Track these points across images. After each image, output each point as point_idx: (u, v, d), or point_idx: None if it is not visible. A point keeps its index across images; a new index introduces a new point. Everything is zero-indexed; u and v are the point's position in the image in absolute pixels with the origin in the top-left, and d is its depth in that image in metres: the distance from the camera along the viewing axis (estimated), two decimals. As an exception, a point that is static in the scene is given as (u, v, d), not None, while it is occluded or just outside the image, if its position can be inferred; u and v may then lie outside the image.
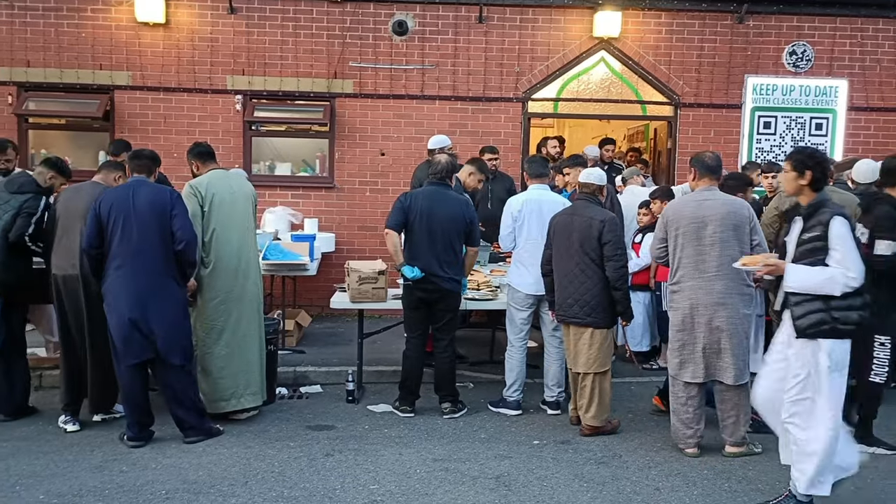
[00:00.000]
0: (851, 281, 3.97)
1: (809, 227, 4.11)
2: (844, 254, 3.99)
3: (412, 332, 5.95)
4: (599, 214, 5.47)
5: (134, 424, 5.14)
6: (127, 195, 5.09)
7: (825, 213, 4.07)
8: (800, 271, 4.06)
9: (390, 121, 9.17)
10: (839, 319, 3.99)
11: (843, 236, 4.00)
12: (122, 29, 8.88)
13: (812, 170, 4.14)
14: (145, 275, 5.04)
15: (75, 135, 9.37)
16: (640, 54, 9.26)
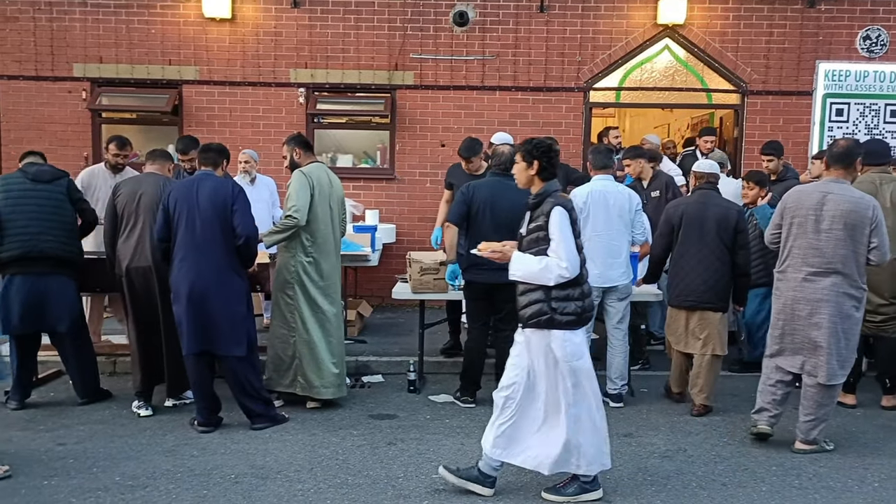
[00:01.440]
0: (564, 271, 4.00)
1: (535, 217, 4.16)
2: (559, 243, 4.01)
3: (474, 323, 5.95)
4: (732, 204, 5.93)
5: (203, 410, 5.29)
6: (191, 189, 5.21)
7: (548, 204, 4.11)
8: (522, 260, 4.13)
9: (451, 112, 9.18)
10: (557, 310, 4.06)
11: (559, 226, 4.02)
12: (189, 24, 9.10)
13: (539, 159, 4.18)
14: (207, 267, 5.16)
15: (146, 129, 9.64)
16: (706, 41, 9.06)
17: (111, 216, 5.63)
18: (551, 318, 4.08)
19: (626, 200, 5.85)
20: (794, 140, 9.02)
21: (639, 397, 6.19)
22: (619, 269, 5.84)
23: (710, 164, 6.14)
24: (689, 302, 5.81)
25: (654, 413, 5.83)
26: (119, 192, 5.66)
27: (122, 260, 5.56)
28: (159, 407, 5.75)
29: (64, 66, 9.15)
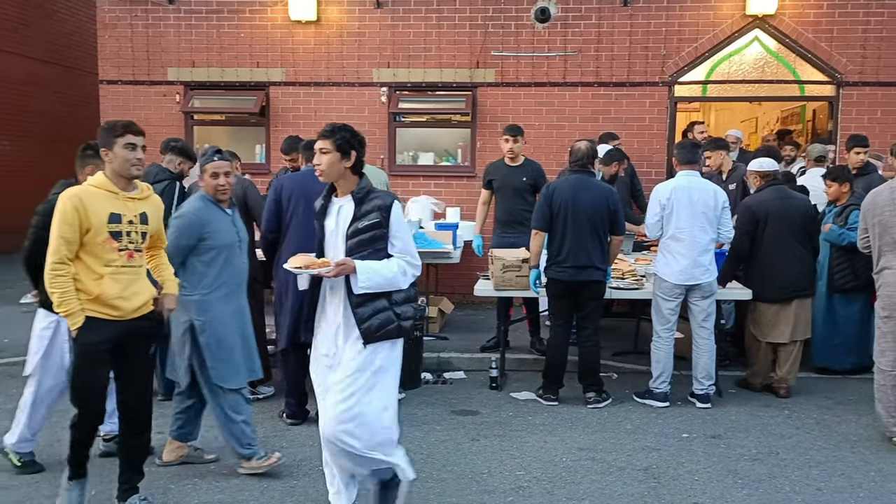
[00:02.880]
0: (416, 270, 3.65)
1: (364, 213, 3.54)
2: (405, 241, 3.61)
3: (557, 321, 5.93)
4: (807, 199, 6.25)
5: (294, 403, 5.43)
6: (305, 183, 5.32)
7: (382, 198, 3.57)
8: (372, 267, 3.49)
9: (532, 109, 9.15)
10: (401, 316, 3.61)
11: (402, 222, 3.62)
12: (276, 28, 9.35)
13: (357, 151, 3.60)
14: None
15: (235, 129, 9.97)
16: (798, 31, 8.74)
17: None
18: (399, 327, 3.60)
19: (710, 197, 5.72)
20: (892, 133, 8.61)
21: (727, 398, 6.04)
22: (703, 267, 5.71)
23: (769, 161, 6.35)
24: (787, 293, 5.95)
25: (744, 414, 5.68)
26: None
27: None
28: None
29: (159, 70, 9.55)
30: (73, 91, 14.42)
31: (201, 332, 4.32)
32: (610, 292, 6.09)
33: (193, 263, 4.33)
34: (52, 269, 3.62)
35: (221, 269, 4.37)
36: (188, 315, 4.32)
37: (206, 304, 4.34)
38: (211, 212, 4.37)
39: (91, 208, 3.63)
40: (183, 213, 4.40)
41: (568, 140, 7.87)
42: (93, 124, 11.75)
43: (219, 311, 4.36)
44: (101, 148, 3.75)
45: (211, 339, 4.33)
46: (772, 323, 6.07)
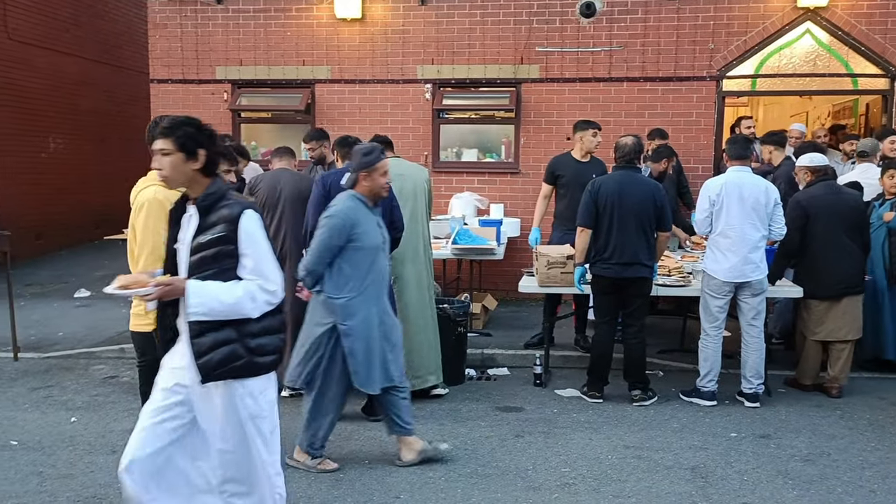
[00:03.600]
0: (271, 297, 3.04)
1: (208, 226, 3.01)
2: (261, 260, 3.02)
3: (602, 318, 5.89)
4: (852, 189, 6.25)
5: None
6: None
7: (230, 207, 3.02)
8: (204, 291, 2.94)
9: (576, 105, 9.08)
10: (255, 350, 3.05)
11: (255, 236, 3.02)
12: (322, 26, 9.43)
13: (207, 149, 3.05)
14: None
15: (281, 127, 10.08)
16: (851, 24, 8.53)
17: None
18: (250, 363, 3.05)
19: (762, 193, 5.61)
20: (950, 127, 8.37)
21: (776, 398, 5.94)
22: (753, 264, 5.61)
23: (821, 157, 6.25)
24: (839, 290, 5.88)
25: (794, 414, 5.57)
26: (258, 187, 5.92)
27: None
28: None
29: (208, 69, 9.71)
30: (123, 90, 14.73)
31: (346, 335, 4.27)
32: (656, 289, 6.03)
33: (340, 265, 4.27)
34: None
35: (367, 271, 4.31)
36: (332, 317, 4.27)
37: (352, 308, 4.27)
38: (361, 212, 4.31)
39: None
40: (335, 213, 4.29)
41: (613, 136, 7.77)
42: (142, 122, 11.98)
43: (364, 314, 4.29)
44: None
45: (356, 344, 4.28)
46: (821, 320, 5.96)
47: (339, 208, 4.31)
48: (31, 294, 9.87)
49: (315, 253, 4.26)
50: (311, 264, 4.30)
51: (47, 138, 12.79)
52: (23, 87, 12.10)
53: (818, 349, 6.04)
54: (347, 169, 5.50)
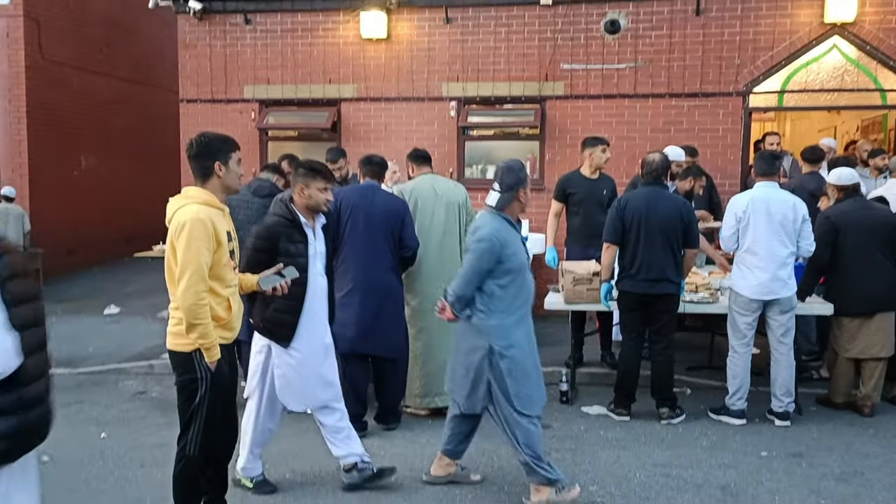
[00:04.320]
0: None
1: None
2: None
3: (629, 334, 5.85)
4: (890, 210, 6.13)
5: (357, 414, 5.45)
6: (366, 196, 5.46)
7: None
8: None
9: (602, 121, 9.08)
10: None
11: None
12: (348, 45, 9.54)
13: None
14: (372, 272, 5.38)
15: (307, 145, 10.16)
16: (879, 38, 8.46)
17: None
18: None
19: (789, 209, 5.56)
20: (983, 141, 8.25)
21: (807, 416, 5.86)
22: (782, 281, 5.56)
23: (851, 173, 6.11)
24: (869, 307, 5.79)
25: (826, 433, 5.49)
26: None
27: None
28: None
29: (236, 88, 9.85)
30: (153, 108, 15.00)
31: (502, 357, 4.15)
32: (683, 306, 5.98)
33: (490, 287, 4.16)
34: (199, 299, 3.45)
35: (517, 291, 4.21)
36: (486, 339, 4.17)
37: (505, 329, 4.18)
38: (509, 232, 4.20)
39: (217, 227, 3.52)
40: (485, 237, 4.13)
41: (639, 152, 7.80)
42: (172, 140, 12.22)
43: (517, 335, 4.20)
44: (212, 162, 3.59)
45: (513, 365, 4.16)
46: (853, 337, 5.88)
47: (489, 231, 4.14)
48: (62, 310, 10.02)
49: (465, 277, 4.16)
50: (460, 289, 4.19)
51: (80, 156, 13.04)
52: (57, 107, 12.37)
53: (850, 367, 5.96)
54: (371, 186, 5.57)
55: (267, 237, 4.29)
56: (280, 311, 4.28)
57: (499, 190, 4.22)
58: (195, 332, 3.49)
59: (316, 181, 4.32)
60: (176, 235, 3.47)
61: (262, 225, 4.43)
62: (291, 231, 4.31)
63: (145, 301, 10.46)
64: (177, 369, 3.68)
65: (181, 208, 3.54)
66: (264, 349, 4.43)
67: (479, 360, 4.18)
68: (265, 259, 4.22)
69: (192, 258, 3.43)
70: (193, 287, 3.44)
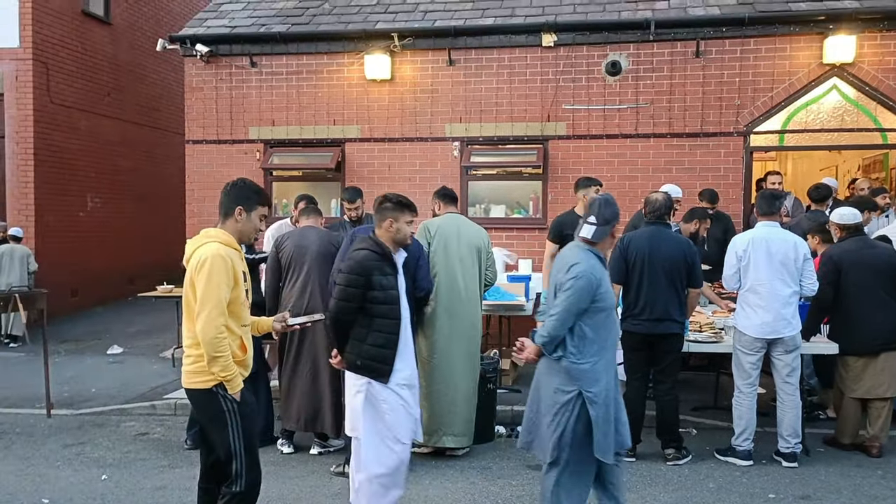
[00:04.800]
0: None
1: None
2: None
3: (633, 375, 5.82)
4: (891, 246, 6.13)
5: None
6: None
7: None
8: None
9: (604, 160, 9.15)
10: None
11: None
12: (353, 87, 9.67)
13: None
14: None
15: (311, 185, 10.24)
16: (878, 79, 8.55)
17: (275, 269, 5.95)
18: None
19: (790, 248, 5.55)
20: (985, 180, 8.28)
21: (815, 457, 5.79)
22: (785, 320, 5.52)
23: (852, 213, 6.11)
24: (876, 346, 5.75)
25: (834, 474, 5.42)
26: (283, 244, 5.98)
27: (286, 305, 5.81)
28: (299, 446, 6.01)
29: (241, 129, 9.97)
30: (160, 150, 15.17)
31: (592, 403, 3.89)
32: (687, 345, 5.96)
33: (581, 328, 3.94)
34: (219, 332, 3.48)
35: (607, 332, 4.02)
36: (576, 384, 3.92)
37: (596, 373, 3.93)
38: (602, 271, 4.04)
39: (236, 266, 3.61)
40: (581, 273, 3.92)
41: (641, 191, 7.85)
42: (177, 182, 12.34)
43: (606, 379, 3.97)
44: (235, 206, 3.68)
45: (601, 411, 3.91)
46: (859, 377, 5.84)
47: (585, 268, 3.94)
48: (65, 350, 10.01)
49: (561, 317, 3.92)
50: (554, 329, 3.95)
51: (86, 197, 13.14)
52: (64, 149, 12.51)
53: (857, 407, 5.91)
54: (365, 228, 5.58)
55: (360, 272, 4.24)
56: (377, 346, 4.25)
57: (595, 223, 4.05)
58: (217, 365, 3.51)
59: (404, 214, 4.37)
60: (196, 271, 3.52)
61: (353, 260, 4.32)
62: (383, 264, 4.30)
63: (148, 341, 10.45)
64: (200, 408, 3.68)
65: (201, 246, 3.60)
66: (363, 388, 4.28)
67: (564, 403, 3.93)
68: (358, 295, 4.21)
69: (212, 292, 3.48)
70: (214, 321, 3.48)
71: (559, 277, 4.04)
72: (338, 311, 4.30)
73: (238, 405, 3.61)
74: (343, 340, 4.34)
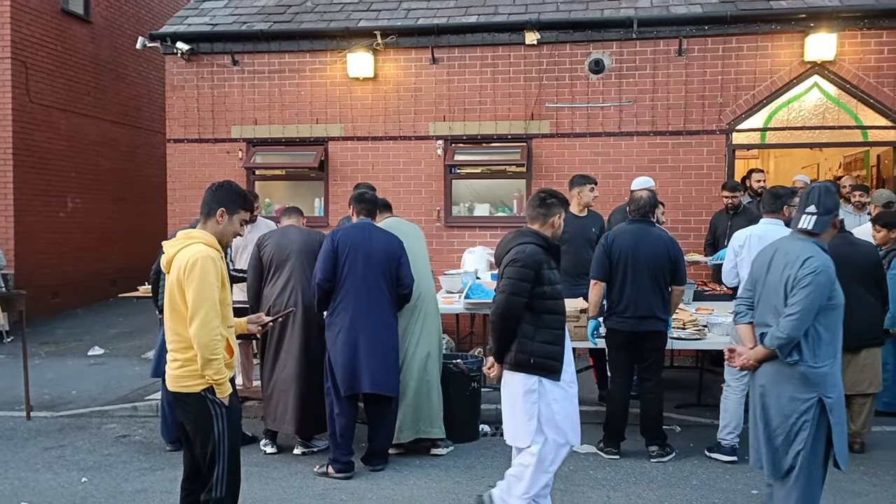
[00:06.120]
0: None
1: None
2: None
3: (617, 372, 5.82)
4: (866, 241, 6.07)
5: (344, 455, 5.41)
6: (363, 236, 5.44)
7: None
8: None
9: (587, 159, 9.16)
10: None
11: None
12: (335, 85, 9.62)
13: None
14: (370, 311, 5.36)
15: (294, 184, 10.21)
16: (858, 77, 8.61)
17: (256, 267, 5.91)
18: None
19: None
20: (963, 177, 8.36)
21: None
22: None
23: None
24: (855, 343, 5.71)
25: (816, 471, 5.44)
26: (265, 243, 5.94)
27: (268, 303, 5.78)
28: (283, 446, 5.98)
29: (223, 128, 9.89)
30: (141, 150, 15.03)
31: (832, 410, 3.67)
32: (671, 343, 5.97)
33: (815, 328, 3.69)
34: (216, 335, 3.45)
35: (837, 332, 3.77)
36: (815, 391, 3.67)
37: (835, 377, 3.71)
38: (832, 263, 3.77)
39: (222, 267, 3.57)
40: (821, 267, 3.66)
41: (624, 189, 7.85)
42: (158, 182, 12.22)
43: (840, 384, 3.76)
44: (219, 207, 3.65)
45: (839, 418, 3.68)
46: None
47: (821, 262, 3.68)
48: (45, 352, 9.90)
49: (802, 316, 3.62)
50: (794, 330, 3.65)
51: (66, 198, 12.99)
52: (44, 149, 12.36)
53: None
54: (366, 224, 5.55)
55: (532, 265, 4.14)
56: (547, 343, 4.14)
57: (815, 212, 3.78)
58: (211, 369, 3.46)
59: (563, 210, 4.39)
60: (185, 273, 3.45)
61: (523, 253, 4.17)
62: (549, 258, 4.24)
63: (130, 343, 10.35)
64: (187, 412, 3.62)
65: (186, 247, 3.54)
66: (536, 386, 4.15)
67: (804, 412, 3.68)
68: (528, 289, 4.10)
69: (206, 294, 3.43)
70: (209, 323, 3.43)
71: (795, 273, 3.70)
72: (507, 306, 4.12)
73: (226, 409, 3.57)
74: (509, 339, 4.18)
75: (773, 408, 3.76)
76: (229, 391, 3.57)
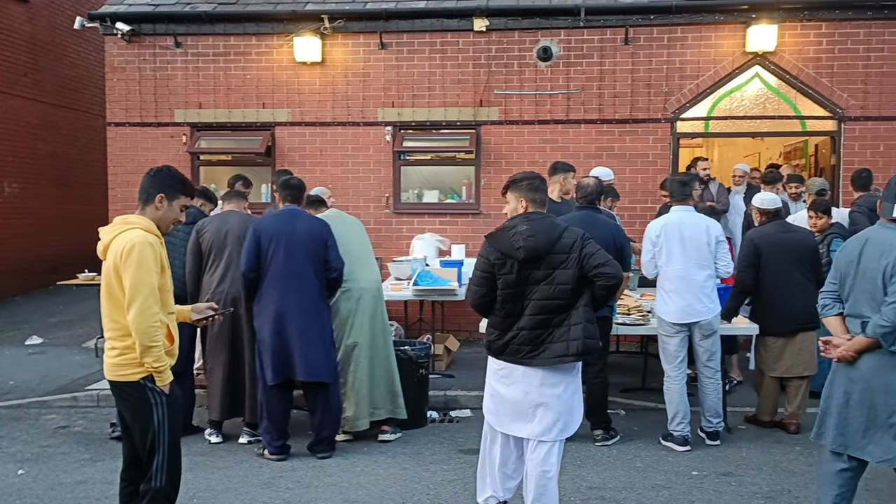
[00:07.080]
0: None
1: None
2: None
3: (562, 357, 5.87)
4: (805, 228, 6.32)
5: (278, 439, 5.42)
6: (287, 223, 5.40)
7: None
8: None
9: (536, 146, 9.21)
10: None
11: None
12: (282, 69, 9.47)
13: None
14: (297, 297, 5.33)
15: (240, 169, 9.98)
16: (798, 68, 8.82)
17: (196, 254, 5.83)
18: None
19: (702, 232, 5.62)
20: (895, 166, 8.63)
21: (737, 434, 5.97)
22: (701, 304, 5.59)
23: (774, 197, 6.29)
24: (792, 327, 5.93)
25: (755, 451, 5.60)
26: (204, 230, 5.85)
27: (207, 291, 5.72)
28: (229, 435, 5.92)
29: (166, 112, 9.66)
30: (82, 134, 14.60)
31: None
32: (616, 328, 6.05)
33: None
34: (155, 321, 3.39)
35: None
36: None
37: None
38: None
39: (161, 252, 3.51)
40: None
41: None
42: (99, 167, 11.89)
43: None
44: (157, 192, 3.57)
45: None
46: (778, 357, 6.04)
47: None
48: (-19, 342, 9.59)
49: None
50: None
51: (2, 183, 12.56)
52: (-23, 131, 11.92)
53: (776, 385, 6.12)
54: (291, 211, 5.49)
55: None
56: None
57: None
58: (150, 356, 3.39)
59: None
60: (122, 258, 3.38)
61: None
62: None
63: (70, 331, 10.09)
64: (126, 401, 3.54)
65: (123, 233, 3.46)
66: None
67: None
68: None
69: (144, 280, 3.36)
70: (148, 310, 3.37)
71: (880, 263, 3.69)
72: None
73: (166, 398, 3.51)
74: None
75: (879, 396, 3.72)
76: (170, 379, 3.51)
